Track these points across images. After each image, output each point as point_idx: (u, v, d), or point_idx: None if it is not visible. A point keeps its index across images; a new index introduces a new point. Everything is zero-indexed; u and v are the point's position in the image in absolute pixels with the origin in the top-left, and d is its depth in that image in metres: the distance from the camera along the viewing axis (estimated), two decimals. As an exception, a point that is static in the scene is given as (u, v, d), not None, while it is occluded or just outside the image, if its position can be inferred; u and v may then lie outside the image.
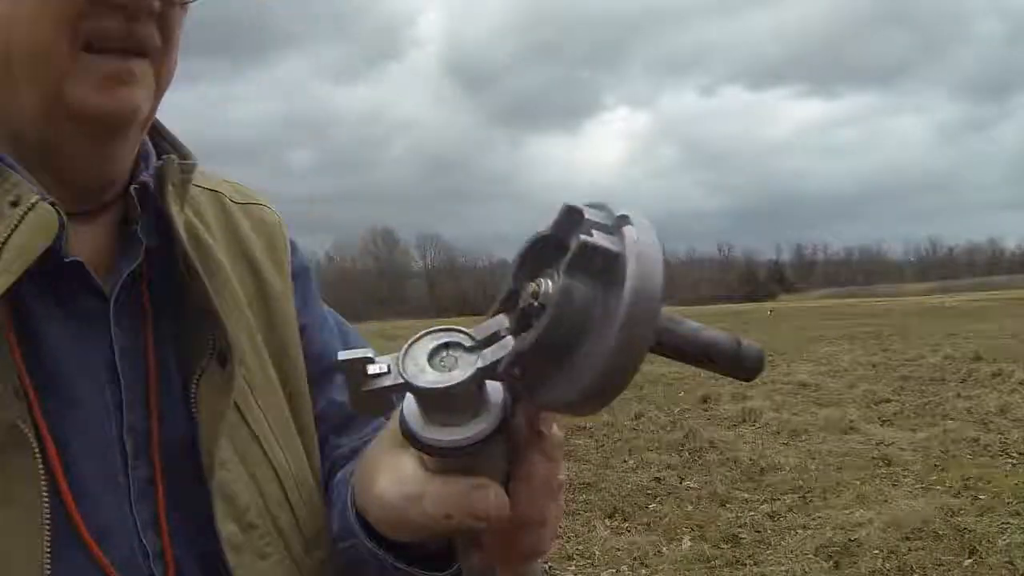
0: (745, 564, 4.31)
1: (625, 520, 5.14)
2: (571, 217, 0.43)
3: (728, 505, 5.30)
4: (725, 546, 4.57)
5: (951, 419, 7.45)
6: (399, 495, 0.51)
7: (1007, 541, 4.28)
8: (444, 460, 0.48)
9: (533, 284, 0.44)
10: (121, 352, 0.60)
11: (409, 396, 0.48)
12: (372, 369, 0.46)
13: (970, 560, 4.11)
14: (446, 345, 0.46)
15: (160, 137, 0.69)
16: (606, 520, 5.14)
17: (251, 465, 0.64)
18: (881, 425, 7.51)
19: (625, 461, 6.49)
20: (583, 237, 0.40)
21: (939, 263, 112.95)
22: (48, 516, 0.52)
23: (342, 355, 0.46)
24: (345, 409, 0.75)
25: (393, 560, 0.59)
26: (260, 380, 0.68)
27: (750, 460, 6.37)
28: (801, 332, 19.99)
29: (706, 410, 8.72)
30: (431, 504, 0.49)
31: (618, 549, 4.62)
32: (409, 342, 0.47)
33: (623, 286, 0.39)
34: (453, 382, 0.44)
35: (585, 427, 7.40)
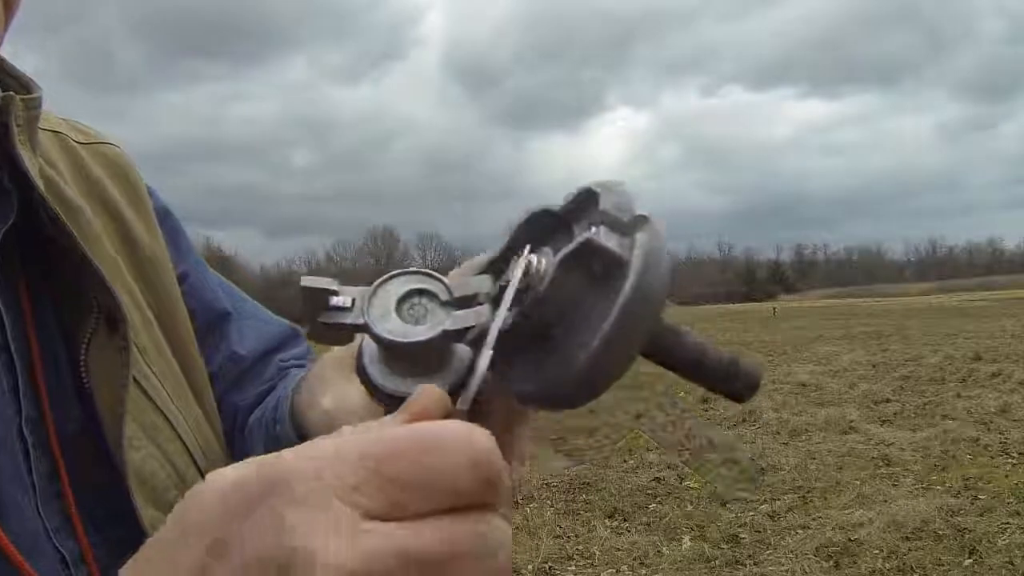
0: (745, 564, 4.31)
1: (625, 520, 5.14)
2: (585, 201, 0.40)
3: (728, 505, 5.29)
4: (725, 546, 4.57)
5: (951, 419, 7.44)
6: (345, 420, 0.49)
7: (1007, 541, 4.28)
8: (387, 406, 0.45)
9: (520, 257, 0.41)
10: (12, 327, 0.52)
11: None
12: (334, 301, 0.42)
13: (970, 560, 4.11)
14: (420, 292, 0.43)
15: (2, 72, 0.59)
16: (606, 520, 5.14)
17: (158, 439, 0.56)
18: (881, 425, 7.50)
19: (625, 461, 6.49)
20: (588, 235, 0.37)
21: (939, 263, 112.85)
22: None
23: (305, 280, 0.42)
24: (241, 363, 0.69)
25: None
26: (148, 342, 0.60)
27: (750, 460, 6.37)
28: (801, 332, 19.99)
29: (706, 410, 8.71)
30: None
31: (618, 549, 4.62)
32: (381, 279, 0.43)
33: (619, 294, 0.36)
34: (414, 339, 0.41)
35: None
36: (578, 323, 0.38)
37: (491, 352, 0.37)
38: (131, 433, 0.54)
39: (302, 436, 0.56)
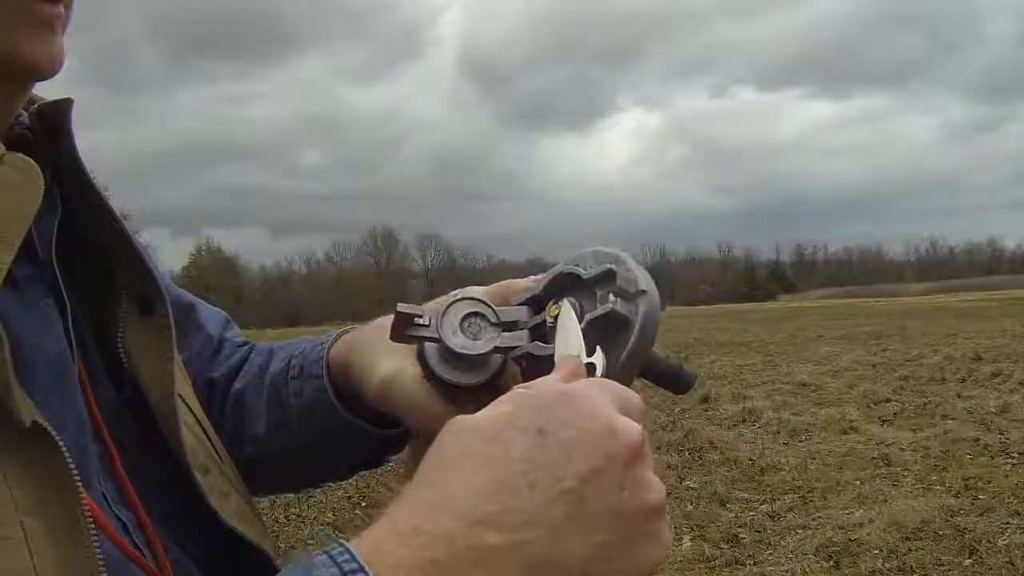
0: (745, 564, 4.31)
1: (625, 520, 5.14)
2: (605, 274, 0.57)
3: (728, 505, 5.30)
4: (725, 546, 4.57)
5: (951, 419, 7.45)
6: (408, 395, 0.60)
7: (1007, 541, 4.28)
8: (443, 391, 0.60)
9: (556, 306, 0.58)
10: (73, 322, 0.55)
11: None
12: (419, 321, 0.58)
13: (970, 560, 4.11)
14: (475, 313, 0.59)
15: None
16: (606, 520, 5.14)
17: (181, 411, 0.60)
18: (881, 425, 7.51)
19: (625, 461, 6.49)
20: (613, 306, 0.55)
21: (939, 263, 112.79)
22: (93, 529, 0.44)
23: (401, 307, 0.58)
24: (212, 343, 0.76)
25: (372, 427, 0.68)
26: None
27: (750, 460, 6.38)
28: (801, 332, 20.01)
29: (706, 410, 8.72)
30: (427, 420, 0.59)
31: (618, 549, 4.62)
32: (447, 303, 0.59)
33: (628, 344, 0.54)
34: (475, 352, 0.58)
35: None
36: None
37: (602, 358, 0.52)
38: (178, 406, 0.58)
39: (350, 392, 0.67)
